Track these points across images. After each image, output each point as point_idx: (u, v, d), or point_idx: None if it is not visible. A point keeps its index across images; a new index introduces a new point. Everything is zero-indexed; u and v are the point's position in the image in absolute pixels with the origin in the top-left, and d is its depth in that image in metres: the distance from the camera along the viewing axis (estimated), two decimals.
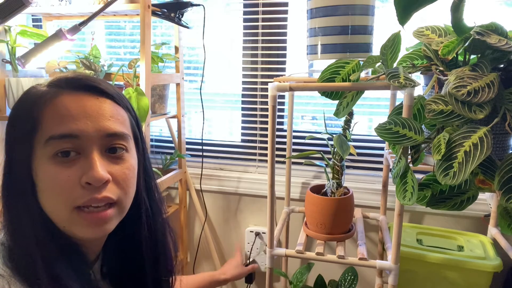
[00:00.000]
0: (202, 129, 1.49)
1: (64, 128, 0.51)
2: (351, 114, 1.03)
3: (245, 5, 1.42)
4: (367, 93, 0.93)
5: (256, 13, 1.41)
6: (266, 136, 1.48)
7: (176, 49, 1.41)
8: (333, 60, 0.87)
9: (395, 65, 0.83)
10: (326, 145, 1.39)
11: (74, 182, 0.51)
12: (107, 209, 0.54)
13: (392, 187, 1.21)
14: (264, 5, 1.39)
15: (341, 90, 0.89)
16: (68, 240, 0.54)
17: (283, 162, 1.40)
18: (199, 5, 1.33)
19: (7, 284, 0.47)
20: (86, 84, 0.55)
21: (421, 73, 0.83)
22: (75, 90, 0.54)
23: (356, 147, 1.34)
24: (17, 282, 0.48)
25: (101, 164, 0.52)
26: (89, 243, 0.59)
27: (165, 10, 1.27)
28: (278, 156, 1.38)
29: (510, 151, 0.72)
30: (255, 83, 1.46)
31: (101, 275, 0.64)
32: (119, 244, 0.64)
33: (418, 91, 0.81)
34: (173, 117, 1.47)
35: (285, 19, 1.39)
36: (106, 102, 0.56)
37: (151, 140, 1.62)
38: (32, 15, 1.62)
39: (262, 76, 1.44)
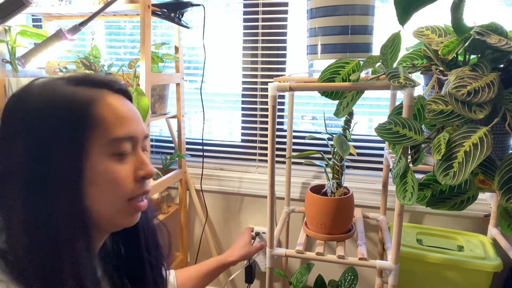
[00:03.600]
0: (202, 129, 1.49)
1: (126, 130, 0.56)
2: (351, 114, 1.03)
3: (245, 5, 1.42)
4: (367, 93, 0.93)
5: (256, 13, 1.41)
6: (266, 136, 1.48)
7: (176, 49, 1.41)
8: (333, 60, 0.87)
9: (395, 65, 0.83)
10: (326, 145, 1.39)
11: (131, 177, 0.57)
12: (144, 200, 0.61)
13: (392, 187, 1.21)
14: (264, 5, 1.39)
15: (341, 90, 0.89)
16: (93, 232, 0.56)
17: (283, 162, 1.40)
18: (199, 5, 1.33)
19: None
20: (121, 87, 0.60)
21: (421, 73, 0.83)
22: (115, 92, 0.58)
23: (356, 147, 1.34)
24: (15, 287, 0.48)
25: (148, 160, 0.60)
26: (104, 237, 0.62)
27: (165, 10, 1.27)
28: (278, 156, 1.38)
29: (510, 151, 0.72)
30: (255, 83, 1.46)
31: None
32: (117, 240, 0.68)
33: (418, 91, 0.81)
34: (173, 117, 1.47)
35: (285, 19, 1.39)
36: (133, 105, 0.62)
37: (151, 140, 1.62)
38: (32, 15, 1.62)
39: (262, 76, 1.44)
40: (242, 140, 1.54)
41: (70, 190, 0.52)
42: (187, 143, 1.56)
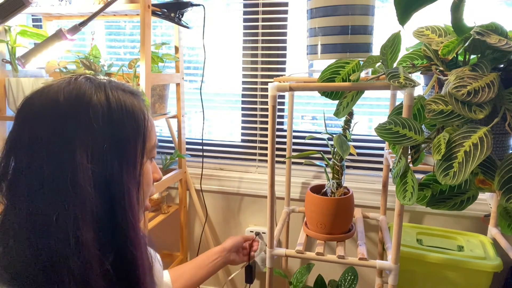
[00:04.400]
0: (202, 129, 1.49)
1: (155, 136, 0.65)
2: (351, 114, 1.03)
3: (245, 5, 1.42)
4: (367, 93, 0.93)
5: (256, 13, 1.41)
6: (266, 136, 1.48)
7: (176, 49, 1.41)
8: (333, 60, 0.87)
9: (395, 65, 0.83)
10: (326, 145, 1.39)
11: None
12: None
13: (392, 187, 1.21)
14: (264, 5, 1.39)
15: (341, 90, 0.89)
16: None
17: (283, 162, 1.40)
18: (199, 5, 1.33)
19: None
20: (142, 97, 0.66)
21: (421, 73, 0.83)
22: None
23: (356, 147, 1.34)
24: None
25: None
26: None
27: (165, 10, 1.27)
28: (278, 156, 1.38)
29: (510, 151, 0.72)
30: (255, 83, 1.46)
31: None
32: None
33: (418, 91, 0.81)
34: (173, 117, 1.47)
35: (285, 19, 1.39)
36: None
37: None
38: (32, 15, 1.62)
39: (262, 76, 1.44)
40: (242, 140, 1.54)
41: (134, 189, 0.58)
42: (187, 143, 1.56)
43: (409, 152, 0.74)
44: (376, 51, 0.89)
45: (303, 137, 1.44)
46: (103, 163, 0.52)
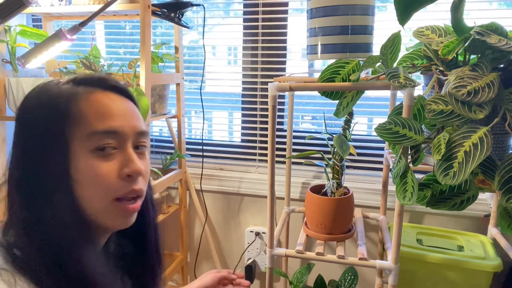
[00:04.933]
0: (202, 129, 1.49)
1: (106, 124, 0.54)
2: (351, 114, 1.03)
3: (245, 5, 1.42)
4: (367, 93, 0.93)
5: (256, 13, 1.41)
6: (266, 136, 1.48)
7: (176, 49, 1.41)
8: (333, 60, 0.87)
9: (395, 65, 0.83)
10: (326, 145, 1.39)
11: (115, 175, 0.54)
12: (137, 201, 0.58)
13: (392, 187, 1.21)
14: (264, 5, 1.39)
15: (341, 90, 0.89)
16: (91, 230, 0.56)
17: (283, 162, 1.40)
18: (199, 5, 1.33)
19: (13, 278, 0.48)
20: (115, 85, 0.59)
21: (421, 73, 0.83)
22: (106, 90, 0.58)
23: (356, 147, 1.34)
24: (21, 277, 0.49)
25: (136, 158, 0.57)
26: (106, 235, 0.62)
27: (165, 10, 1.27)
28: (278, 156, 1.38)
29: (510, 151, 0.72)
30: (255, 83, 1.46)
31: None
32: (124, 234, 0.66)
33: (418, 91, 0.81)
34: (173, 117, 1.47)
35: (285, 19, 1.39)
36: (130, 103, 0.60)
37: (151, 140, 1.62)
38: (32, 15, 1.62)
39: (262, 76, 1.44)
40: (242, 140, 1.54)
41: (59, 189, 0.52)
42: (187, 143, 1.56)
43: (409, 152, 0.74)
44: (376, 51, 0.89)
45: (303, 137, 1.44)
46: (32, 159, 0.53)
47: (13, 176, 0.54)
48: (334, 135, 0.93)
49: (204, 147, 1.55)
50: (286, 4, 1.38)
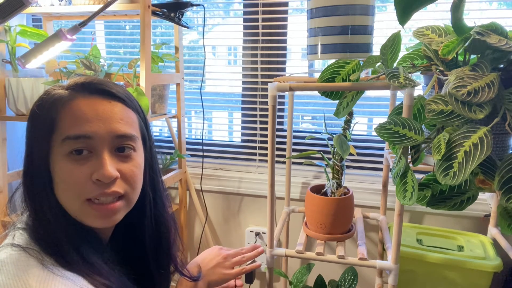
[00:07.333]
0: (202, 129, 1.49)
1: (79, 129, 0.57)
2: (351, 114, 1.03)
3: (245, 5, 1.42)
4: (367, 93, 0.93)
5: (256, 13, 1.41)
6: (266, 136, 1.48)
7: (176, 49, 1.41)
8: (333, 60, 0.87)
9: (395, 65, 0.83)
10: (326, 145, 1.39)
11: (86, 178, 0.57)
12: (116, 201, 0.60)
13: (392, 187, 1.21)
14: (264, 5, 1.39)
15: (341, 90, 0.89)
16: (83, 226, 0.60)
17: (283, 162, 1.40)
18: (199, 5, 1.33)
19: (40, 255, 0.54)
20: (100, 88, 0.61)
21: (421, 73, 0.83)
22: (89, 94, 0.60)
23: (356, 147, 1.34)
24: (46, 256, 0.55)
25: (110, 162, 0.58)
26: (99, 231, 0.64)
27: (165, 10, 1.27)
28: (278, 156, 1.38)
29: (510, 151, 0.72)
30: (255, 83, 1.46)
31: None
32: (125, 233, 0.70)
33: (418, 91, 0.81)
34: (173, 117, 1.47)
35: (285, 19, 1.39)
36: (117, 106, 0.61)
37: None
38: (32, 15, 1.62)
39: (262, 76, 1.44)
40: (242, 140, 1.54)
41: (44, 189, 0.58)
42: (187, 143, 1.56)
43: (409, 152, 0.74)
44: (376, 51, 0.89)
45: (303, 137, 1.44)
46: (27, 159, 0.60)
47: (22, 170, 0.60)
48: (334, 135, 0.93)
49: (204, 147, 1.55)
50: (286, 4, 1.38)
